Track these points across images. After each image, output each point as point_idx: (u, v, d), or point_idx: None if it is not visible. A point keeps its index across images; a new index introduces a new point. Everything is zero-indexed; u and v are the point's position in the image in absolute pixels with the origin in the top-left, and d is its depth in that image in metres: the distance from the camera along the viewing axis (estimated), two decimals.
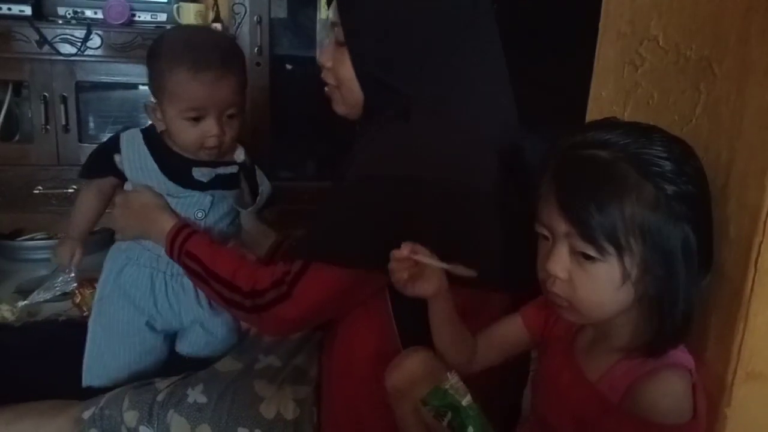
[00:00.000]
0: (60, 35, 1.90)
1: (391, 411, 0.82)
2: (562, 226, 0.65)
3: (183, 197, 1.03)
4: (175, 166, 1.03)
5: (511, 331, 0.81)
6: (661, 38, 0.79)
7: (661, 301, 0.64)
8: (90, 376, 1.09)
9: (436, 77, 0.85)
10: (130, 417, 0.98)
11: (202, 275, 0.93)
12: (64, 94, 1.95)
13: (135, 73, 2.01)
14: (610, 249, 0.63)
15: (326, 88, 0.94)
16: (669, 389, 0.64)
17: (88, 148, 2.02)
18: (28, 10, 1.89)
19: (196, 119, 0.98)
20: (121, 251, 1.09)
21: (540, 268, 0.69)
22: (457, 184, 0.81)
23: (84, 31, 1.90)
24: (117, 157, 1.05)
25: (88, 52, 1.93)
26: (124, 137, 1.06)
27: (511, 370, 0.90)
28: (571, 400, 0.71)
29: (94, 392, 1.05)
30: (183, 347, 1.12)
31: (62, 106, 1.96)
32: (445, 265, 0.73)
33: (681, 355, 0.66)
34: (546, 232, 0.68)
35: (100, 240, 2.16)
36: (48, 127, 1.96)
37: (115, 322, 1.08)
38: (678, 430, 0.63)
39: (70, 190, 1.98)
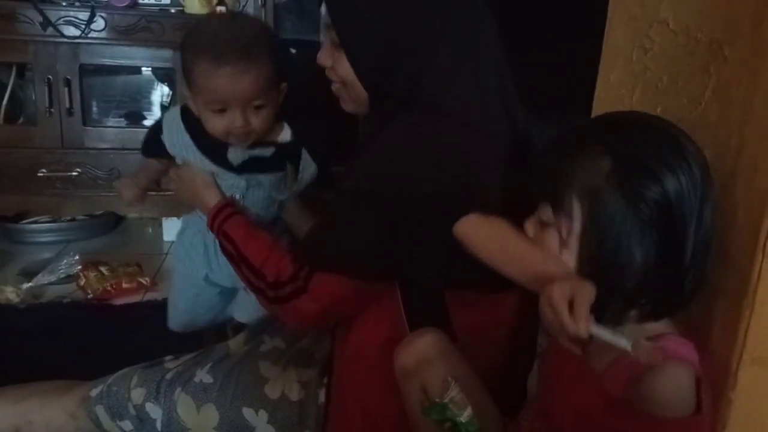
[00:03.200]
0: (64, 17, 1.89)
1: (397, 398, 0.82)
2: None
3: (219, 178, 1.05)
4: (211, 145, 1.05)
5: None
6: (671, 21, 0.78)
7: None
8: (169, 321, 1.20)
9: (436, 75, 0.83)
10: (137, 394, 0.99)
11: (234, 257, 0.94)
12: (68, 76, 1.94)
13: (139, 56, 2.00)
14: (557, 207, 0.66)
15: (333, 87, 0.93)
16: (670, 382, 0.63)
17: (92, 131, 2.02)
18: None
19: (222, 110, 0.99)
20: (183, 216, 1.18)
21: None
22: (463, 186, 0.80)
23: (88, 14, 1.89)
24: (162, 137, 1.08)
25: (92, 34, 1.91)
26: (166, 116, 1.10)
27: (518, 349, 0.91)
28: (574, 391, 0.71)
29: (100, 373, 1.06)
30: (236, 313, 1.19)
31: (66, 89, 1.95)
32: (627, 347, 0.59)
33: (683, 349, 0.65)
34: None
35: (104, 224, 2.17)
36: (52, 110, 1.95)
37: (177, 274, 1.19)
38: (681, 424, 0.63)
39: (74, 173, 1.98)
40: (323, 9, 0.91)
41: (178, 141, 1.07)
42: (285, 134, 1.08)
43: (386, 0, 0.84)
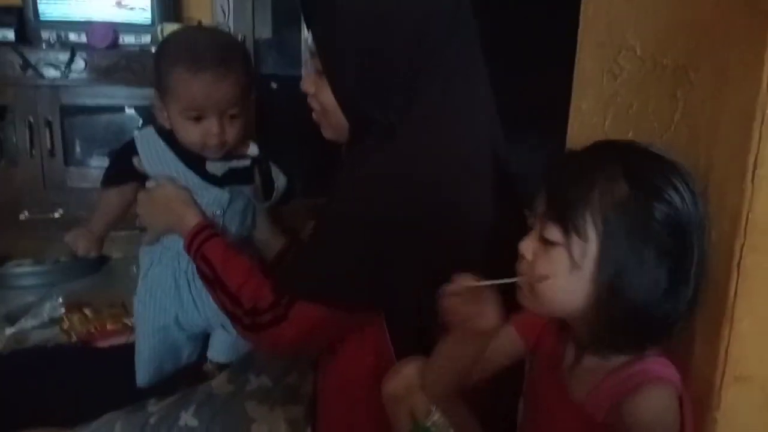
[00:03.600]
0: (44, 59, 1.90)
1: (385, 428, 0.81)
2: (541, 206, 0.67)
3: (201, 194, 1.03)
4: (190, 158, 1.04)
5: (505, 341, 0.79)
6: (638, 48, 0.80)
7: (613, 305, 0.64)
8: (137, 377, 1.11)
9: (419, 104, 0.84)
10: None
11: (211, 280, 0.92)
12: (49, 118, 1.95)
13: (120, 95, 2.02)
14: (570, 228, 0.63)
15: (313, 114, 0.94)
16: (653, 404, 0.63)
17: (74, 171, 2.02)
18: (11, 35, 1.90)
19: (198, 118, 0.99)
20: (146, 252, 1.10)
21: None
22: (444, 214, 0.80)
23: (68, 55, 1.91)
24: (135, 159, 1.06)
25: (73, 75, 1.93)
26: (138, 137, 1.07)
27: (506, 378, 0.90)
28: (556, 419, 0.70)
29: (85, 417, 1.03)
30: (212, 354, 1.13)
31: (47, 130, 1.95)
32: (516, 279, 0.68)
33: (665, 369, 0.65)
34: (534, 220, 0.69)
35: (88, 265, 2.15)
36: (33, 151, 1.95)
37: (142, 321, 1.10)
38: None
39: (56, 215, 1.97)
40: (308, 37, 0.92)
41: (156, 159, 1.04)
42: (253, 149, 1.09)
43: (376, 29, 0.84)
